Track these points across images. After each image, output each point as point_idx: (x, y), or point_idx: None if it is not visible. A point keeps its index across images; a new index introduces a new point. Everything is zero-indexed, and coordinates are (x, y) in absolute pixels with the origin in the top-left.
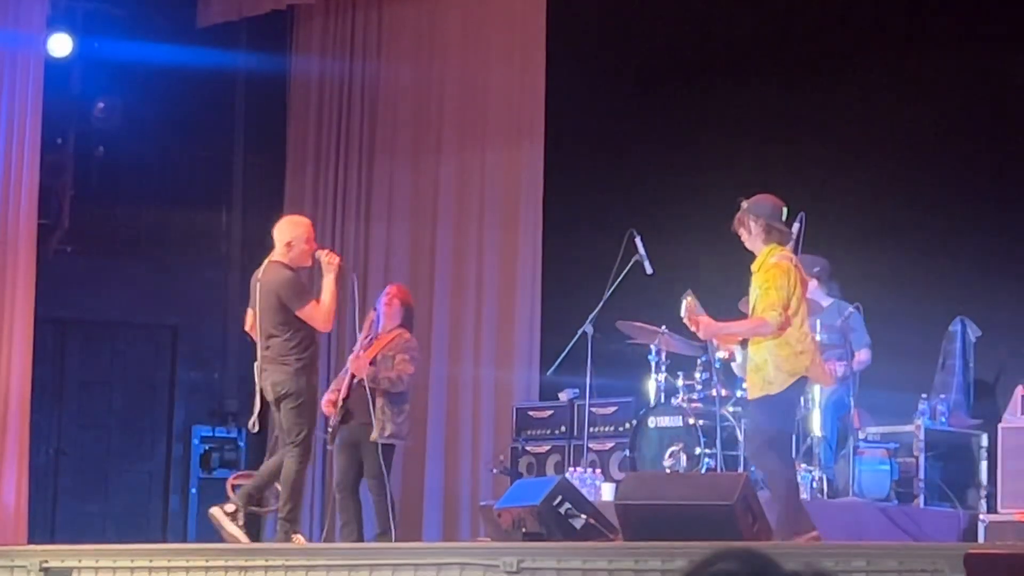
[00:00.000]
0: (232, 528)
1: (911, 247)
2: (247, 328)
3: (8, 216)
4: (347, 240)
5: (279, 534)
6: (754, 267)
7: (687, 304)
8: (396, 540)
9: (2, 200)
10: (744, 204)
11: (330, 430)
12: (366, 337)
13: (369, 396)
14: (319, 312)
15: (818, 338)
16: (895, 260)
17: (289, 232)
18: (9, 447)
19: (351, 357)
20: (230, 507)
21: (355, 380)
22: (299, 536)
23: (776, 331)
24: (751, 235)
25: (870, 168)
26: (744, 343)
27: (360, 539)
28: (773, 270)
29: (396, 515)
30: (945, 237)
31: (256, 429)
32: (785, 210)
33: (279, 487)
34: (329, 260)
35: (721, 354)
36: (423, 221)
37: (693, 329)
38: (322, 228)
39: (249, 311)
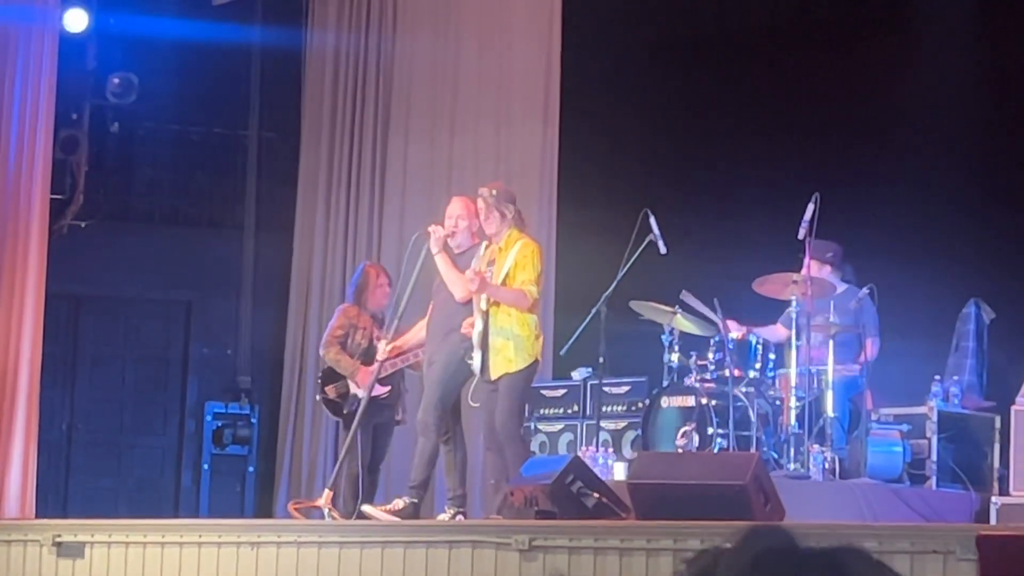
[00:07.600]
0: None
1: (926, 228)
2: None
3: (21, 191)
4: (360, 215)
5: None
6: (502, 244)
7: (481, 258)
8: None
9: (16, 175)
10: (492, 192)
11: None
12: None
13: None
14: None
15: (832, 319)
16: (909, 241)
17: None
18: (18, 423)
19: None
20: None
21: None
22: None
23: (529, 307)
24: (505, 219)
25: (884, 148)
26: (485, 316)
27: None
28: (534, 250)
29: None
30: (960, 218)
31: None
32: None
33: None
34: None
35: (734, 334)
36: (437, 198)
37: (470, 277)
38: (336, 203)
39: None
